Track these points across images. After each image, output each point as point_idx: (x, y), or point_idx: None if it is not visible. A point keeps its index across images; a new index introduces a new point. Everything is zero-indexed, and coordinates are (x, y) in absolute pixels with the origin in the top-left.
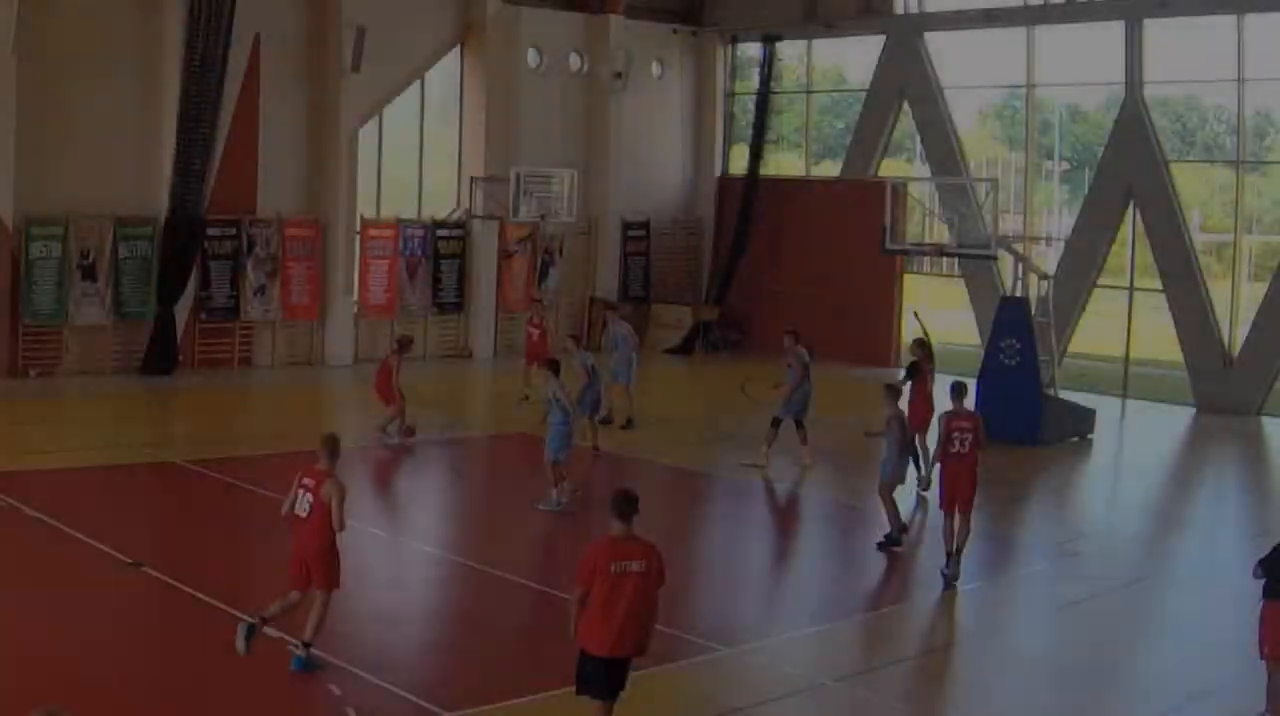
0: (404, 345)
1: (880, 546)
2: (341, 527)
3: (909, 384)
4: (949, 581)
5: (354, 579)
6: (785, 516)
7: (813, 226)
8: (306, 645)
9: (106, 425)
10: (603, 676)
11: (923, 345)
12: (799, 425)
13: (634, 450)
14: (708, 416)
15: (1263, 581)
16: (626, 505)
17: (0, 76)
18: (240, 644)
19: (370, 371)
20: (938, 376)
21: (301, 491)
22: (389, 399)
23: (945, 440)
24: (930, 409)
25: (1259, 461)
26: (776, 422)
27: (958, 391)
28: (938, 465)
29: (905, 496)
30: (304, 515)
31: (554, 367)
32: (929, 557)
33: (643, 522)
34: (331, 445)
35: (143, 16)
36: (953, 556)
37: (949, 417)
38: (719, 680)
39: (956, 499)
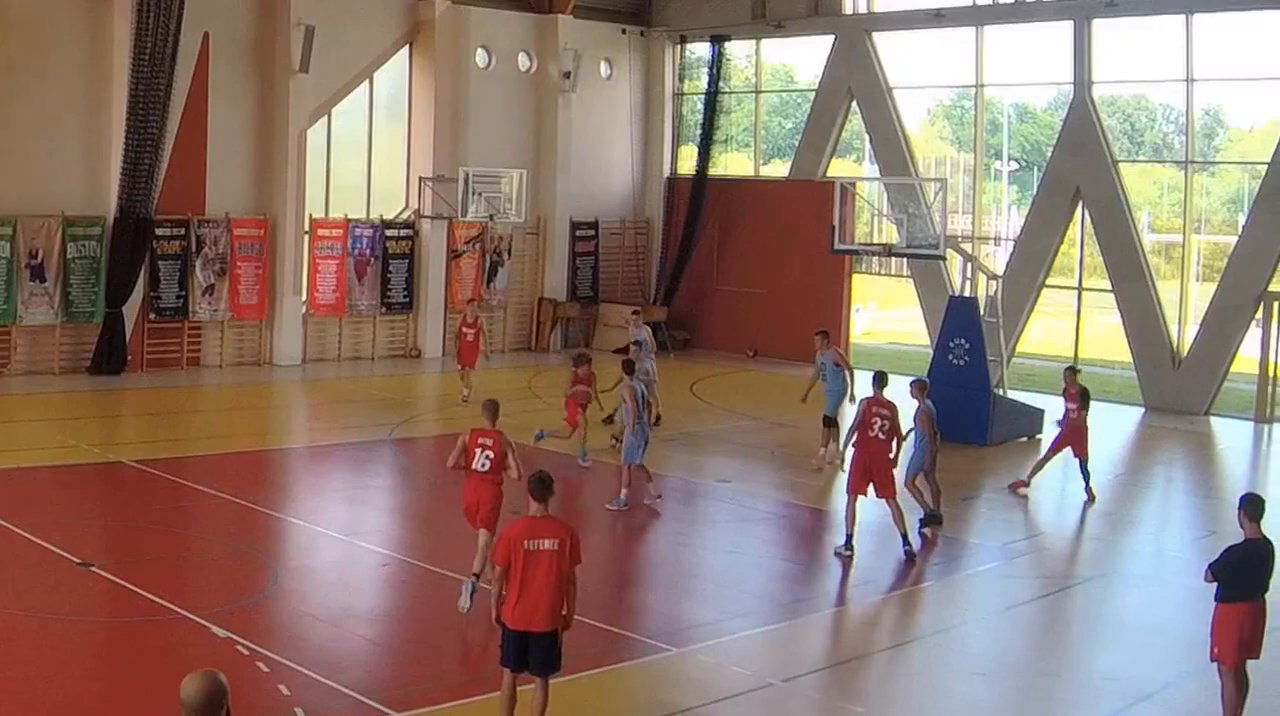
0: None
1: (922, 523)
2: (520, 476)
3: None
4: (844, 557)
5: (301, 578)
6: (735, 516)
7: (761, 226)
8: (476, 575)
9: (55, 425)
10: (516, 649)
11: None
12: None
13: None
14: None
15: (1214, 585)
16: (541, 487)
17: None
18: (465, 601)
19: (318, 372)
20: (891, 378)
21: (479, 450)
22: (572, 416)
23: (863, 423)
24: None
25: (1207, 461)
26: (828, 421)
27: (879, 380)
28: (851, 448)
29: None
30: (484, 470)
31: (629, 369)
32: (877, 559)
33: (593, 522)
34: (493, 408)
35: (91, 15)
36: (850, 537)
37: (869, 402)
38: (668, 680)
39: (872, 481)
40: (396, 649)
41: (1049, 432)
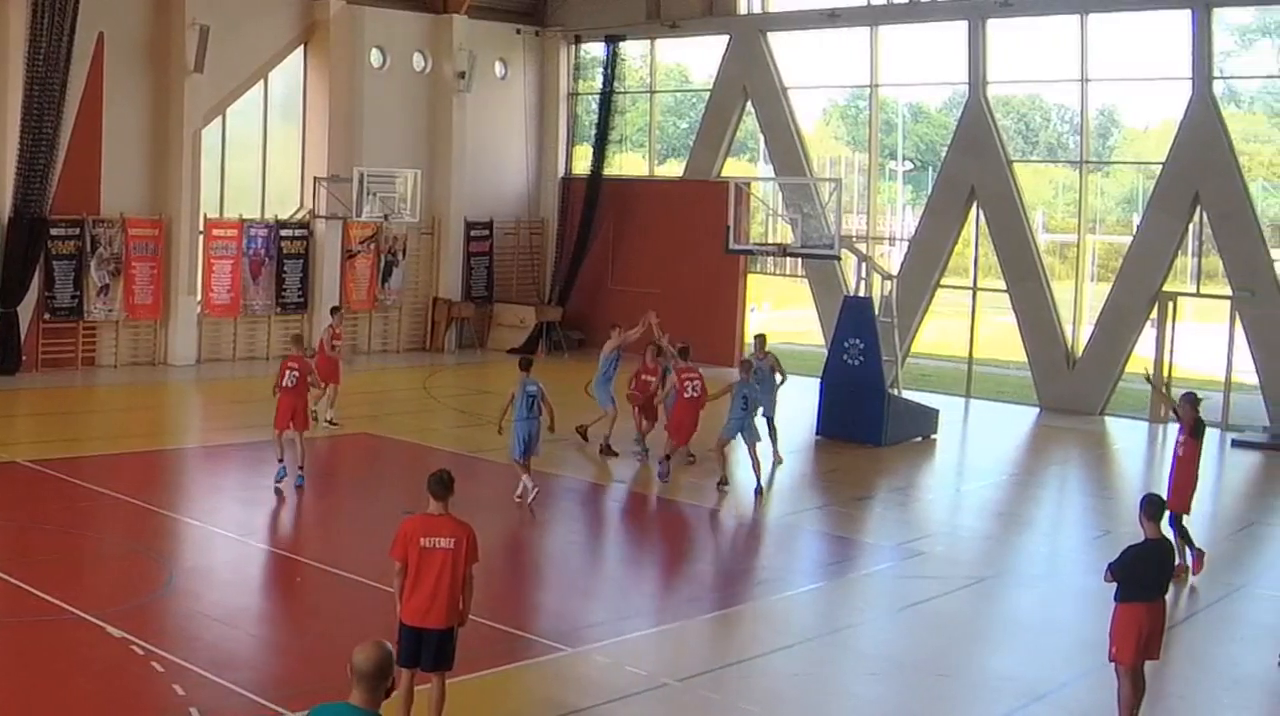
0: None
1: (720, 486)
2: (319, 386)
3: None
4: (663, 476)
5: (196, 578)
6: (629, 516)
7: (656, 226)
8: (301, 467)
9: None
10: (410, 645)
11: (1194, 403)
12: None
13: (480, 450)
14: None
15: (1114, 586)
16: (439, 485)
17: None
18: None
19: (213, 372)
20: (788, 378)
21: (288, 371)
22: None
23: (680, 387)
24: (1191, 482)
25: (1101, 461)
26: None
27: (684, 353)
28: (673, 407)
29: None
30: (292, 385)
31: (525, 366)
32: (773, 560)
33: (488, 523)
34: (299, 338)
35: None
36: (666, 458)
37: (680, 369)
38: (563, 680)
39: (685, 432)
40: (291, 648)
41: (945, 433)
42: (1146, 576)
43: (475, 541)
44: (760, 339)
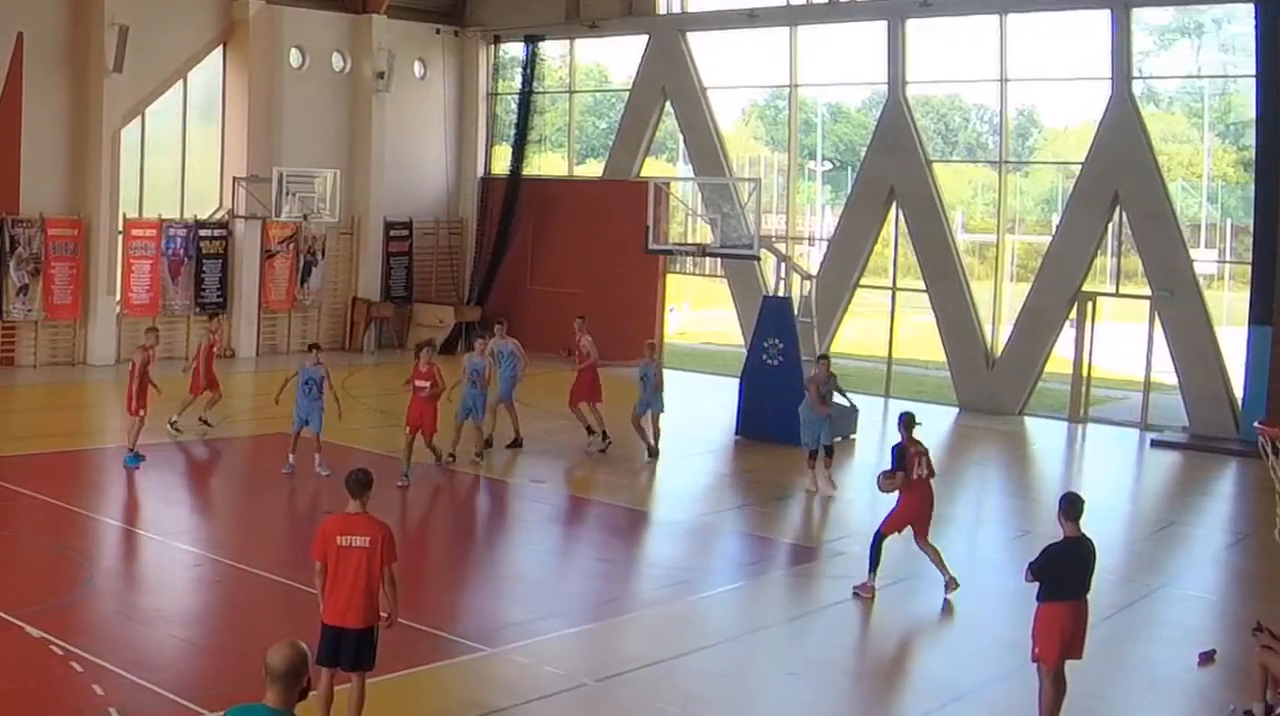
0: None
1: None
2: (139, 379)
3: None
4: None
5: (116, 578)
6: (549, 516)
7: (575, 226)
8: (132, 448)
9: None
10: (329, 645)
11: (910, 425)
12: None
13: (398, 449)
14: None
15: (1035, 586)
16: (357, 484)
17: None
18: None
19: (125, 373)
20: (699, 375)
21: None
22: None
23: (578, 349)
24: (922, 508)
25: (1020, 461)
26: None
27: (580, 322)
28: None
29: None
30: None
31: (312, 349)
32: (692, 560)
33: (408, 523)
34: (153, 332)
35: None
36: (603, 433)
37: (579, 337)
38: (482, 680)
39: (591, 396)
40: (210, 648)
41: (865, 433)
42: (1067, 575)
43: (392, 540)
44: (824, 360)
